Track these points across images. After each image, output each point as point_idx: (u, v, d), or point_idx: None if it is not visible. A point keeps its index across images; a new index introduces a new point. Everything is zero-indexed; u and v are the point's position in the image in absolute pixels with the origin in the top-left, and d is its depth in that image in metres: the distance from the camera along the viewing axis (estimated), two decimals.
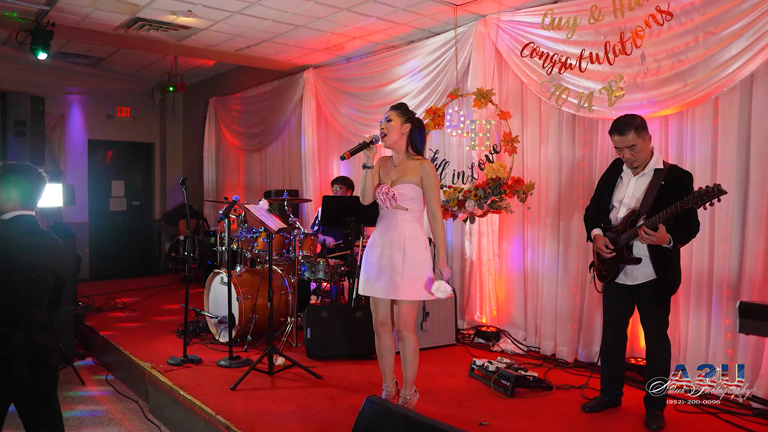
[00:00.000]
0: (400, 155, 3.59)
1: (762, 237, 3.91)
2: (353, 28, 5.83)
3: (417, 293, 3.45)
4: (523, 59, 4.94)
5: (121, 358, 5.10)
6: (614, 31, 4.34)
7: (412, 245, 3.45)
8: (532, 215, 5.19)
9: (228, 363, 4.63)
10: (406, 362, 3.54)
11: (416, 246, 3.46)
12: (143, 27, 5.85)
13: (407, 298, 3.44)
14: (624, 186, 3.62)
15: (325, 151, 7.48)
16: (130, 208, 10.51)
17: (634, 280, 3.56)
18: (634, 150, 3.45)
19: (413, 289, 3.43)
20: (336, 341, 4.89)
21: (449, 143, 5.79)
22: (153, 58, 8.39)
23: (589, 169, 4.81)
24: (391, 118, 3.53)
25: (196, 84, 9.93)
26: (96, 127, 9.84)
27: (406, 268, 3.41)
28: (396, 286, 3.43)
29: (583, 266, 4.85)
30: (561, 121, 4.95)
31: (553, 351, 5.02)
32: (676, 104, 4.17)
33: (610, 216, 3.66)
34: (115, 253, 10.05)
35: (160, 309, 6.88)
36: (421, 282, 3.45)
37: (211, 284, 5.52)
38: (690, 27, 4.05)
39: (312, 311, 4.94)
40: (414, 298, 3.47)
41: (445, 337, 5.28)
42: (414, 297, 3.46)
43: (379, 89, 6.47)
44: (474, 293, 5.59)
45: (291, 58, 7.07)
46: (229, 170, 9.42)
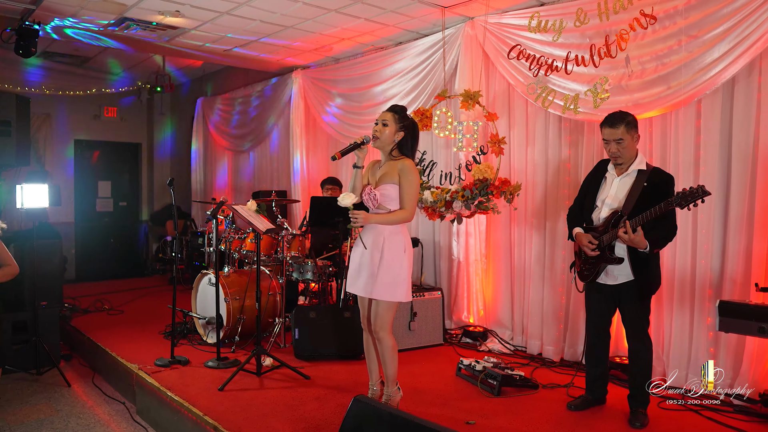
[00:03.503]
0: (386, 157, 3.61)
1: (743, 237, 3.98)
2: (341, 29, 5.85)
3: (390, 294, 3.46)
4: (510, 61, 4.99)
5: (107, 359, 5.08)
6: (599, 33, 4.39)
7: (391, 246, 3.46)
8: (519, 215, 5.24)
9: (216, 364, 4.63)
10: (385, 362, 3.58)
11: (394, 248, 3.47)
12: (131, 27, 5.83)
13: (380, 297, 3.46)
14: (608, 186, 3.67)
15: (313, 152, 7.49)
16: (117, 208, 10.44)
17: (615, 279, 3.61)
18: (621, 144, 3.50)
19: (387, 290, 3.45)
20: (324, 342, 4.90)
21: (437, 144, 5.83)
22: (140, 58, 8.37)
23: (575, 169, 4.86)
24: (387, 123, 3.53)
25: (185, 84, 9.91)
26: (82, 127, 9.78)
27: (382, 269, 3.43)
28: (372, 286, 3.46)
29: (568, 266, 4.88)
30: (547, 123, 5.00)
31: (539, 350, 5.06)
32: (660, 106, 4.22)
33: (593, 216, 3.71)
34: (102, 254, 9.99)
35: (148, 310, 6.86)
36: (396, 284, 3.45)
37: (199, 285, 5.52)
38: (673, 30, 4.11)
39: (300, 312, 4.95)
40: (387, 299, 3.47)
41: (432, 337, 5.31)
42: (387, 297, 3.46)
43: (368, 90, 6.49)
44: (461, 293, 5.63)
45: (279, 58, 7.08)
46: (217, 171, 9.40)
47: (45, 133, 9.36)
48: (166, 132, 10.76)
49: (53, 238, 5.97)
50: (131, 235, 10.54)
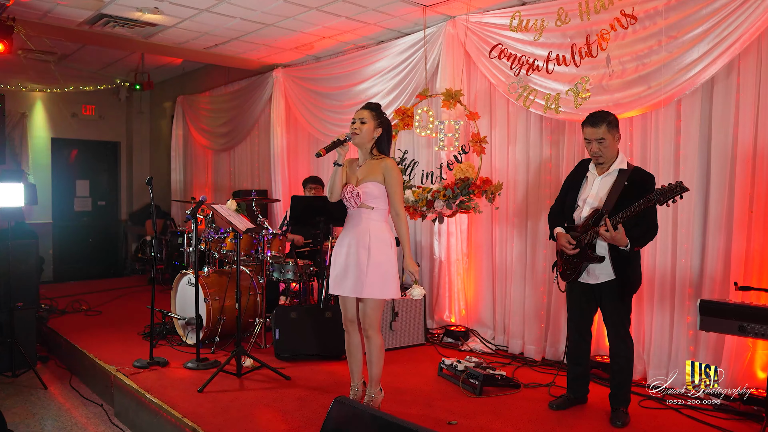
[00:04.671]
0: (365, 155, 3.59)
1: (722, 236, 4.02)
2: (322, 27, 5.81)
3: (381, 292, 3.46)
4: (492, 60, 4.99)
5: (84, 361, 4.99)
6: (580, 33, 4.41)
7: (377, 244, 3.46)
8: (500, 215, 5.24)
9: (195, 365, 4.57)
10: (372, 361, 3.56)
11: (381, 245, 3.47)
12: (108, 23, 5.74)
13: (371, 296, 3.45)
14: (588, 185, 3.68)
15: (294, 151, 7.44)
16: (96, 208, 10.31)
17: (596, 279, 3.62)
18: (602, 144, 3.51)
19: (378, 288, 3.44)
20: (305, 342, 4.86)
21: (418, 143, 5.82)
22: (119, 55, 8.24)
23: (556, 169, 4.87)
24: (365, 120, 3.53)
25: (164, 82, 9.80)
26: (60, 125, 9.64)
27: (371, 267, 3.42)
28: (361, 285, 3.44)
29: (550, 265, 4.89)
30: (528, 122, 5.01)
31: (521, 349, 5.07)
32: (640, 106, 4.25)
33: (575, 215, 3.72)
34: (80, 254, 9.86)
35: (126, 311, 6.76)
36: (385, 281, 3.46)
37: (179, 285, 5.45)
38: (653, 31, 4.14)
39: (281, 312, 4.90)
40: (378, 297, 3.47)
41: (414, 337, 5.30)
42: (378, 295, 3.46)
43: (349, 89, 6.46)
44: (443, 293, 5.62)
45: (260, 56, 7.02)
46: (197, 170, 9.31)
47: (21, 132, 9.20)
48: (145, 130, 10.63)
49: (29, 238, 5.87)
50: (110, 235, 10.41)
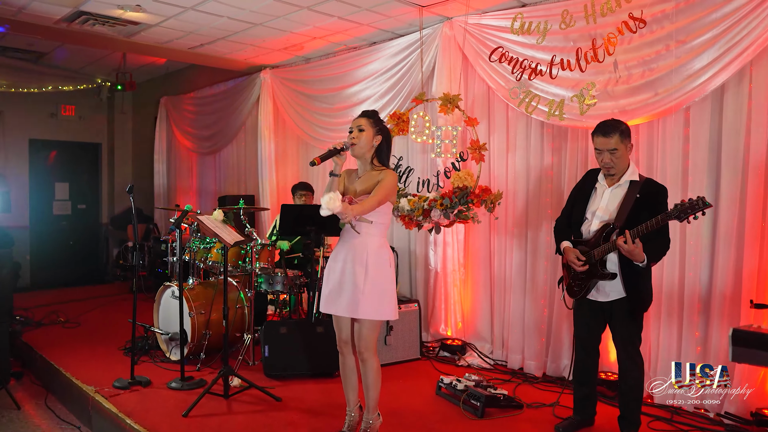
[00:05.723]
0: (365, 166, 3.37)
1: (733, 249, 3.85)
2: (313, 27, 5.58)
3: (378, 312, 3.23)
4: (491, 64, 4.79)
5: (61, 379, 4.72)
6: (586, 37, 4.22)
7: (376, 261, 3.23)
8: (499, 225, 5.05)
9: (180, 385, 4.32)
10: (368, 385, 3.33)
11: (380, 262, 3.24)
12: (88, 21, 5.46)
13: (367, 317, 3.22)
14: (598, 197, 3.49)
15: (283, 155, 7.19)
16: (76, 211, 9.98)
17: (606, 296, 3.43)
18: (614, 155, 3.32)
19: (374, 308, 3.21)
20: (296, 359, 4.63)
21: (413, 150, 5.61)
22: (100, 54, 7.95)
23: (558, 177, 4.69)
24: (363, 128, 3.30)
25: (147, 82, 9.51)
26: (38, 125, 9.29)
27: (368, 285, 3.20)
28: (357, 304, 3.21)
29: (551, 278, 4.73)
30: (529, 128, 4.82)
31: (520, 365, 4.88)
32: (647, 114, 4.08)
33: (582, 229, 3.53)
34: (59, 260, 9.52)
35: (107, 322, 6.47)
36: (382, 300, 3.23)
37: (162, 298, 5.19)
38: (661, 35, 3.97)
39: (270, 327, 4.67)
40: (374, 318, 3.24)
41: (409, 351, 5.09)
42: (374, 316, 3.23)
43: (340, 92, 6.24)
44: (439, 305, 5.42)
45: (247, 57, 6.77)
46: (181, 173, 9.02)
47: None
48: (128, 132, 10.32)
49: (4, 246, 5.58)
50: (91, 240, 10.09)
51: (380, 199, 3.18)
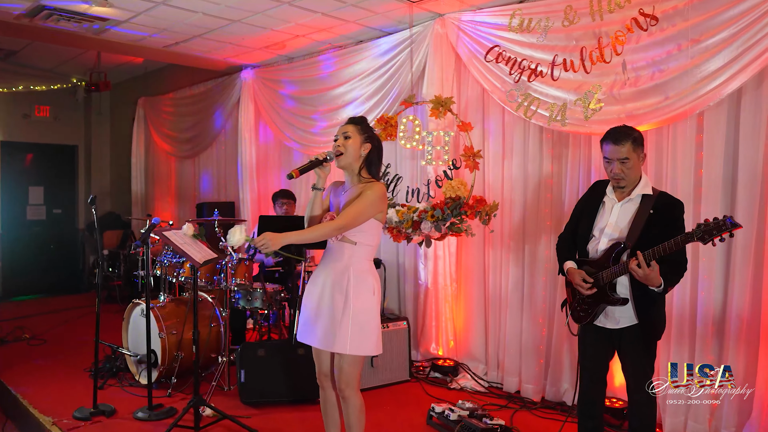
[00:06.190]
0: (353, 179, 3.01)
1: (751, 267, 3.52)
2: (295, 24, 5.21)
3: (357, 347, 2.84)
4: (487, 64, 4.44)
5: (19, 406, 4.32)
6: (590, 35, 3.88)
7: (358, 288, 2.86)
8: (495, 237, 4.70)
9: (147, 415, 3.94)
10: (350, 425, 2.96)
11: (362, 289, 2.87)
12: (51, 16, 5.05)
13: (344, 351, 2.84)
14: (606, 213, 3.14)
15: (264, 160, 6.81)
16: (51, 216, 9.51)
17: (616, 323, 3.08)
18: (626, 165, 2.97)
19: (353, 342, 2.83)
20: (274, 384, 4.27)
21: (402, 156, 5.26)
22: (74, 53, 7.53)
23: (558, 187, 4.35)
24: (349, 135, 2.94)
25: (126, 82, 9.10)
26: (9, 127, 8.83)
27: (347, 316, 2.82)
28: (333, 336, 2.84)
29: (550, 295, 4.40)
30: (527, 134, 4.48)
31: (517, 388, 4.54)
32: (656, 119, 3.74)
33: (589, 247, 3.17)
34: (33, 267, 9.05)
35: (75, 338, 6.05)
36: (363, 333, 2.85)
37: (131, 316, 4.81)
38: (672, 33, 3.63)
39: (246, 349, 4.30)
40: (352, 353, 2.85)
41: (397, 372, 4.74)
42: (353, 351, 2.84)
43: (325, 93, 5.87)
44: (429, 322, 5.07)
45: (226, 56, 6.38)
46: (159, 178, 8.61)
47: None
48: (105, 133, 9.89)
49: None
50: (66, 246, 9.64)
51: (354, 216, 2.80)
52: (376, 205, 2.86)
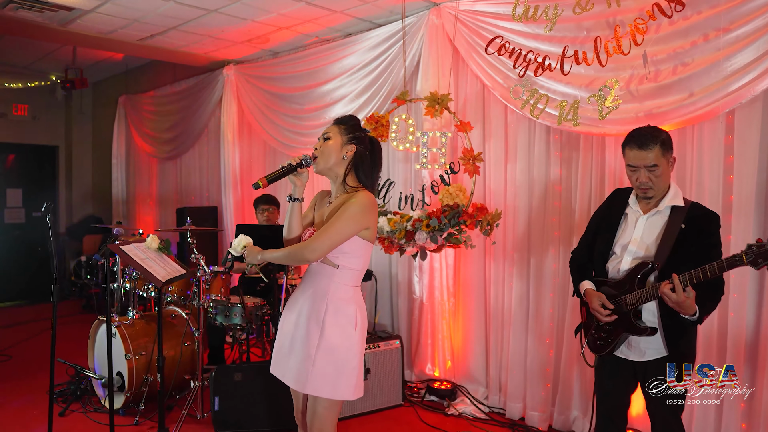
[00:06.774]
0: (337, 187, 2.57)
1: None
2: (278, 15, 4.78)
3: (331, 390, 2.39)
4: (488, 58, 4.01)
5: None
6: (604, 24, 3.45)
7: (335, 319, 2.41)
8: (497, 249, 4.28)
9: None
10: None
11: (340, 320, 2.41)
12: (8, 5, 4.61)
13: (316, 393, 2.40)
14: (629, 227, 2.71)
15: (248, 162, 6.38)
16: (30, 220, 9.08)
17: (641, 354, 2.66)
18: (654, 173, 2.54)
19: (326, 383, 2.38)
20: (252, 411, 3.84)
21: (395, 159, 4.84)
22: (49, 48, 7.07)
23: (567, 193, 3.92)
24: (329, 136, 2.51)
25: (107, 80, 8.66)
26: None
27: (321, 353, 2.37)
28: (305, 375, 2.39)
29: (558, 312, 3.98)
30: (532, 134, 4.06)
31: (521, 414, 4.12)
32: (679, 118, 3.32)
33: (608, 266, 2.75)
34: (10, 273, 8.59)
35: (43, 353, 5.59)
36: (339, 373, 2.39)
37: (96, 334, 4.38)
38: (697, 22, 3.22)
39: (221, 374, 3.87)
40: (325, 396, 2.40)
41: (390, 396, 4.32)
42: (325, 393, 2.39)
43: (312, 90, 5.45)
44: (424, 340, 4.64)
45: (207, 51, 5.95)
46: (140, 181, 8.17)
47: None
48: (87, 133, 9.44)
49: None
50: (47, 251, 9.18)
51: (328, 235, 2.35)
52: (358, 221, 2.38)
